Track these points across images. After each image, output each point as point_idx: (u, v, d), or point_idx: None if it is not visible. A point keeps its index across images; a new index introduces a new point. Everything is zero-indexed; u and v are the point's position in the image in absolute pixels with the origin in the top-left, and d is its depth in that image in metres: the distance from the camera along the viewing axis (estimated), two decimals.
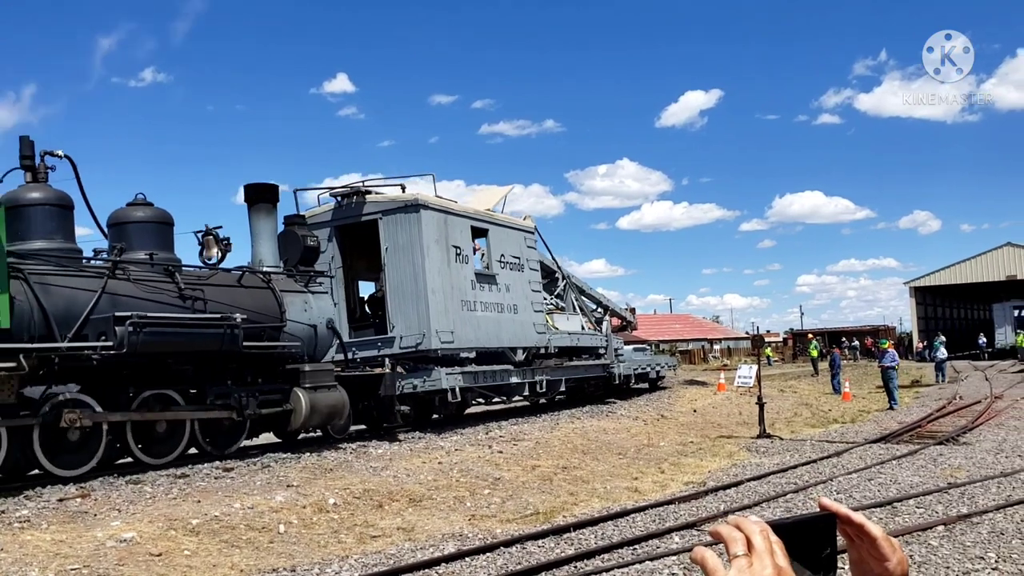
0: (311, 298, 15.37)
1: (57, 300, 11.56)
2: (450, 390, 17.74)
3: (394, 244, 17.87)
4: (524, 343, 20.99)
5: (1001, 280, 56.14)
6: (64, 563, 7.89)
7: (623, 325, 30.09)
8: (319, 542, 9.44)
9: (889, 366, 24.99)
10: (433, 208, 18.25)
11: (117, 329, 11.68)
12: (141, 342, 11.85)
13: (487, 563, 8.35)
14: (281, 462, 13.01)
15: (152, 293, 12.72)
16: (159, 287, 12.94)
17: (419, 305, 17.59)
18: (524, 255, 21.62)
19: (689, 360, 58.99)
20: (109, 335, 11.67)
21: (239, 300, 13.86)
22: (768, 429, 18.75)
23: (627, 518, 10.31)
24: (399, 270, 17.83)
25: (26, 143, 12.64)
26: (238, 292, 14.10)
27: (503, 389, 20.40)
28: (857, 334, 63.12)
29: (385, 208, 18.12)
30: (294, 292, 15.10)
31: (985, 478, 12.05)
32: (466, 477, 12.79)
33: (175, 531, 9.12)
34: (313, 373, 14.46)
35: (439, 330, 17.70)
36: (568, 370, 22.74)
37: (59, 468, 11.34)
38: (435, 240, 18.02)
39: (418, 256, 17.66)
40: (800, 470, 13.58)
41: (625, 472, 14.27)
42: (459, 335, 18.37)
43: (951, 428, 18.60)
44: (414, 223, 17.76)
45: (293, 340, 14.59)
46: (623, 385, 26.34)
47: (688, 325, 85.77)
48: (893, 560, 1.10)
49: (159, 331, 12.22)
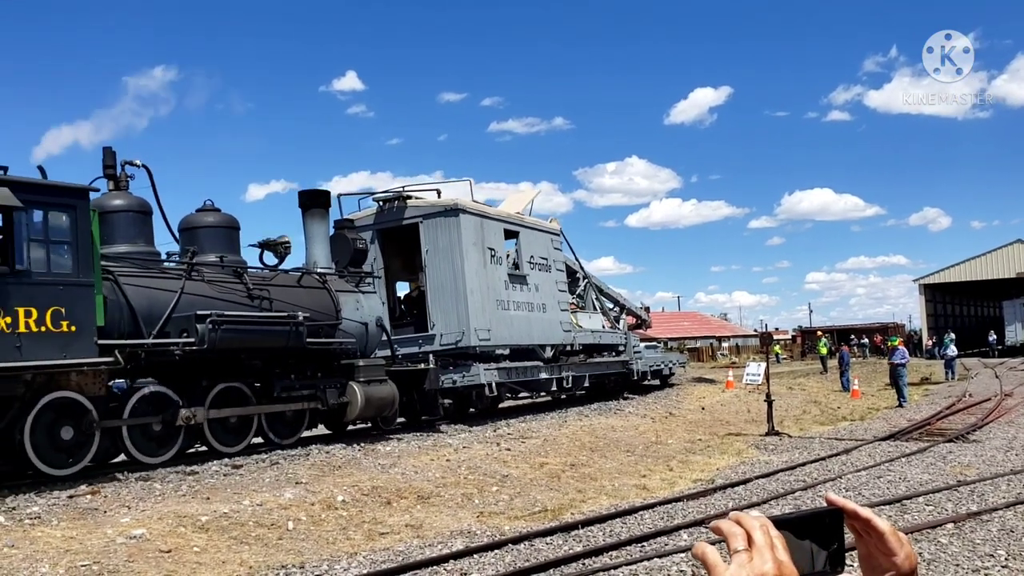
0: (362, 297, 16.42)
1: (142, 300, 12.55)
2: (487, 385, 18.65)
3: (434, 247, 18.82)
4: (552, 340, 21.90)
5: (1012, 277, 55.83)
6: (74, 559, 7.93)
7: (638, 323, 30.56)
8: (328, 539, 9.47)
9: (899, 363, 24.93)
10: (471, 212, 19.21)
11: (198, 326, 12.69)
12: (219, 338, 12.86)
13: (495, 560, 8.36)
14: (290, 459, 13.05)
15: (224, 293, 13.71)
16: (229, 287, 13.95)
17: (459, 304, 18.56)
18: (551, 256, 22.62)
19: (697, 358, 58.88)
20: (191, 332, 12.67)
21: (300, 299, 14.88)
22: (777, 426, 18.71)
23: (635, 515, 10.31)
24: (439, 271, 18.77)
25: (108, 153, 13.51)
26: (298, 292, 15.11)
27: (532, 384, 21.14)
28: (866, 331, 62.93)
29: (426, 212, 19.06)
30: (347, 292, 16.11)
31: (995, 476, 12.01)
32: (474, 474, 12.80)
33: (184, 528, 9.16)
34: (367, 368, 15.48)
35: (477, 328, 18.66)
36: (591, 366, 23.54)
37: (145, 456, 12.32)
38: (473, 243, 18.96)
39: (457, 258, 18.65)
40: (809, 467, 13.55)
41: (633, 469, 14.26)
42: (495, 333, 19.33)
43: (961, 426, 18.53)
44: (454, 227, 18.73)
45: (348, 337, 15.56)
46: (640, 381, 26.98)
47: (696, 322, 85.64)
48: (901, 555, 1.09)
49: (235, 328, 13.22)
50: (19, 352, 10.52)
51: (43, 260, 10.97)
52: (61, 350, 10.98)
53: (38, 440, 11.02)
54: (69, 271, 11.19)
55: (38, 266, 10.87)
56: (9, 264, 10.57)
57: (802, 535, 1.02)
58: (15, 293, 10.55)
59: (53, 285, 10.96)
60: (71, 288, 11.14)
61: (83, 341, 11.21)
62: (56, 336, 10.89)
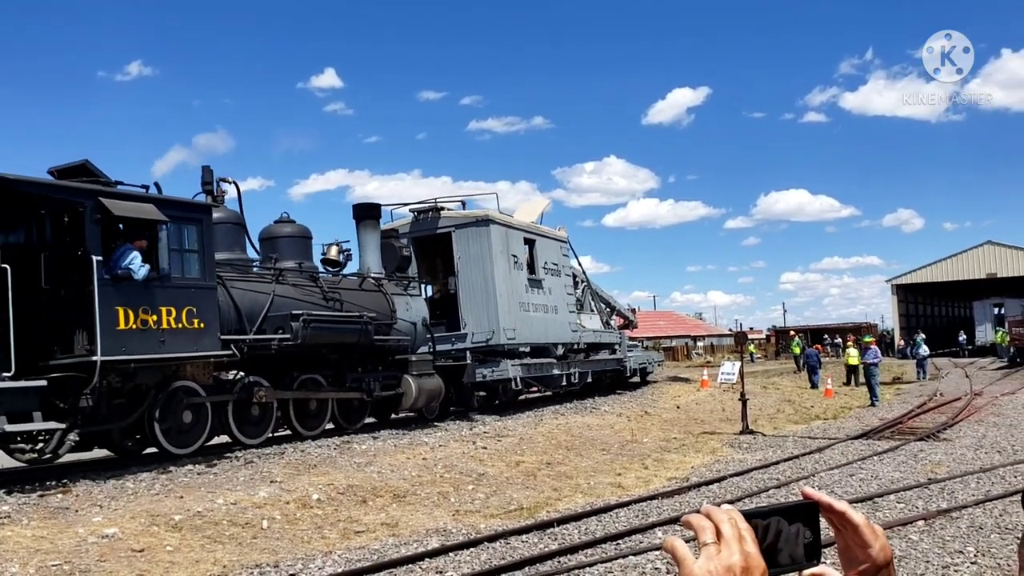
0: (410, 300, 18.38)
1: (245, 301, 14.11)
2: (513, 379, 20.58)
3: (466, 254, 20.72)
4: (563, 340, 23.87)
5: (982, 278, 56.55)
6: (45, 559, 7.85)
7: (626, 324, 31.83)
8: (302, 538, 9.43)
9: (871, 363, 25.18)
10: (499, 223, 21.18)
11: (293, 324, 14.52)
12: (309, 335, 14.71)
13: (471, 558, 8.37)
14: (264, 458, 12.98)
15: (305, 295, 15.38)
16: (308, 290, 15.63)
17: (488, 306, 20.46)
18: (560, 262, 24.58)
19: (673, 357, 59.08)
20: (286, 329, 14.49)
21: (363, 301, 16.65)
22: (751, 425, 18.85)
23: (610, 513, 10.35)
24: (470, 276, 20.66)
25: (207, 171, 14.88)
26: (361, 295, 16.85)
27: (546, 380, 22.87)
28: (839, 331, 63.43)
29: (458, 223, 21.03)
30: (398, 295, 18.01)
31: (964, 474, 12.17)
32: (450, 473, 12.80)
33: (157, 527, 9.09)
34: (418, 363, 17.47)
35: (505, 328, 20.54)
36: (593, 363, 25.67)
37: (245, 437, 13.98)
38: (500, 251, 20.85)
39: (488, 264, 20.54)
40: (782, 466, 13.66)
41: (608, 468, 14.31)
42: (519, 332, 21.24)
43: (931, 425, 18.75)
44: (484, 236, 20.64)
45: (402, 335, 17.47)
46: (631, 378, 28.97)
47: (672, 322, 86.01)
48: (876, 546, 1.11)
49: (320, 326, 15.07)
50: (163, 345, 12.13)
51: (179, 266, 12.66)
52: (193, 344, 12.62)
53: (164, 422, 12.65)
54: (198, 276, 12.92)
55: (176, 272, 12.55)
56: (156, 270, 12.11)
57: (779, 528, 1.04)
58: (159, 295, 12.15)
59: (187, 288, 12.63)
60: (200, 291, 12.85)
61: (210, 336, 12.89)
62: (190, 332, 12.53)
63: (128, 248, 11.93)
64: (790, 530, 1.04)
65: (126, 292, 11.69)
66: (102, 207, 11.63)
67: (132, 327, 11.67)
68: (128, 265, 11.76)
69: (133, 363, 11.84)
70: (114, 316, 11.47)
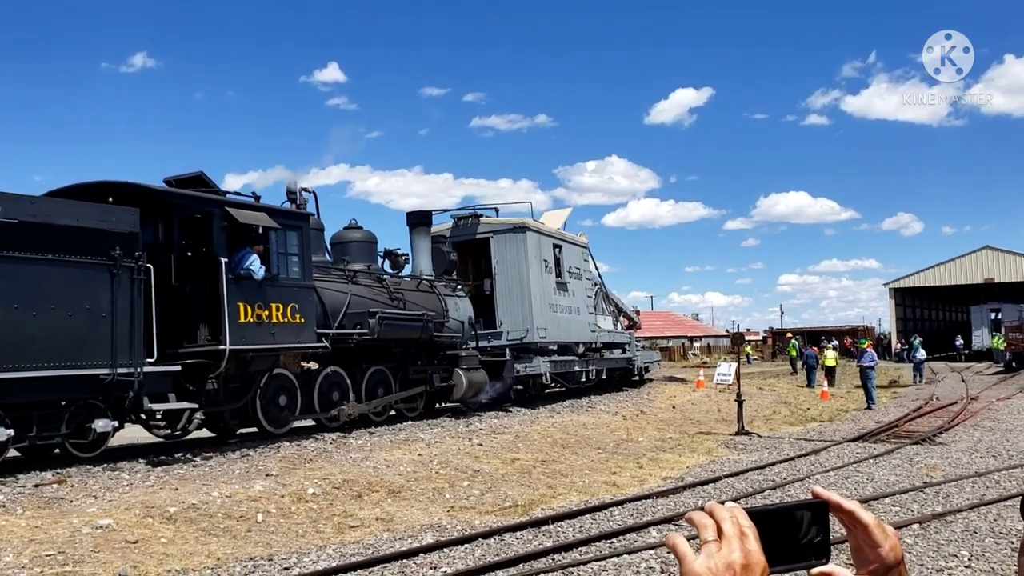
0: (458, 300, 19.99)
1: (329, 299, 15.57)
2: (544, 374, 22.48)
3: (503, 258, 22.36)
4: (583, 339, 25.55)
5: (980, 283, 56.65)
6: (39, 548, 7.84)
7: (630, 324, 32.82)
8: (297, 531, 9.42)
9: (868, 366, 25.20)
10: (533, 230, 22.83)
11: (370, 321, 16.19)
12: (383, 330, 16.44)
13: (465, 554, 8.37)
14: (260, 451, 12.99)
15: (374, 295, 16.96)
16: (377, 291, 17.23)
17: (523, 307, 22.06)
18: (582, 267, 26.28)
19: (669, 357, 59.09)
20: (363, 325, 16.13)
21: (420, 301, 18.28)
22: (747, 426, 18.87)
23: (605, 512, 10.36)
24: (507, 278, 22.29)
25: (291, 181, 16.29)
26: (419, 295, 18.46)
27: (569, 376, 24.70)
28: (836, 334, 63.50)
29: (496, 229, 22.68)
30: (449, 296, 19.63)
31: (960, 477, 12.18)
32: (446, 469, 12.80)
33: (152, 519, 9.08)
34: (467, 358, 19.19)
35: (538, 327, 22.16)
36: (607, 361, 27.35)
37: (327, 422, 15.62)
38: (535, 256, 22.49)
39: (524, 269, 22.14)
40: (778, 467, 13.67)
41: (604, 466, 14.32)
42: (549, 331, 22.89)
43: (927, 428, 18.78)
44: (520, 242, 22.26)
45: (453, 332, 19.09)
46: (638, 375, 30.55)
47: (669, 322, 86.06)
48: (886, 546, 1.10)
49: (392, 323, 16.84)
50: (273, 337, 13.75)
51: (285, 268, 14.25)
52: (296, 336, 14.26)
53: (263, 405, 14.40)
54: (299, 277, 14.51)
55: (283, 272, 14.20)
56: (269, 271, 13.72)
57: (786, 527, 1.03)
58: (270, 293, 13.75)
59: (291, 287, 14.24)
60: (301, 290, 14.47)
61: (308, 330, 14.52)
62: (293, 326, 14.16)
63: (248, 251, 13.57)
64: (798, 529, 1.04)
65: (245, 290, 13.34)
66: (228, 215, 13.31)
67: (250, 320, 13.33)
68: (249, 266, 13.41)
69: (251, 352, 13.56)
70: (237, 311, 13.11)
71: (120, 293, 11.73)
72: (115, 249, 11.65)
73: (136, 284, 11.93)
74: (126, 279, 11.80)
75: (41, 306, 10.91)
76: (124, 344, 11.67)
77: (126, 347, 11.70)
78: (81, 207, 11.76)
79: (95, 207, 11.94)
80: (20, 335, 10.67)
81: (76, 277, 11.32)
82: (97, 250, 11.55)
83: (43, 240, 10.99)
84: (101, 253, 11.57)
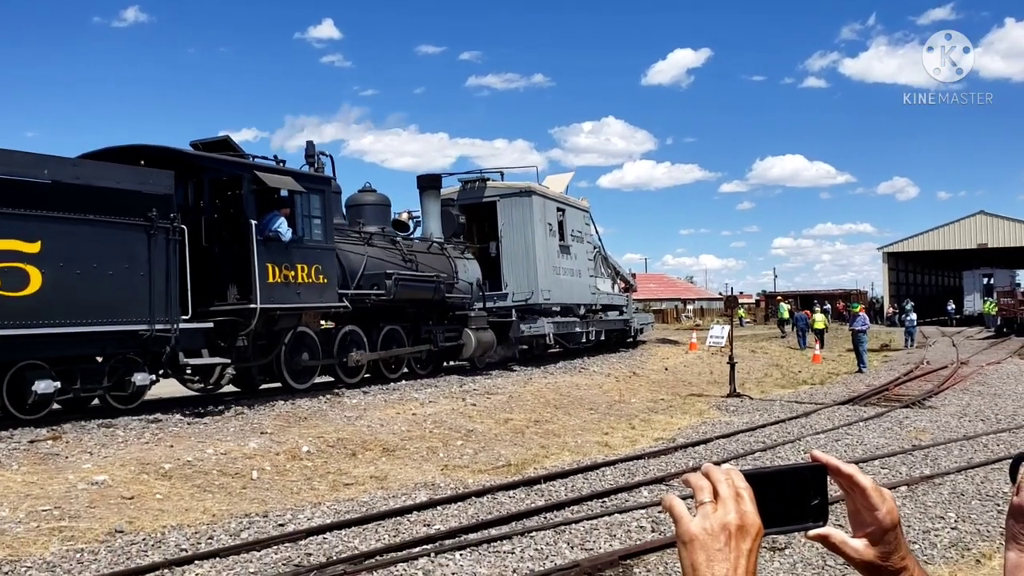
0: (467, 262, 20.52)
1: (348, 261, 16.09)
2: (548, 335, 23.20)
3: (509, 221, 22.79)
4: (584, 301, 26.23)
5: (973, 248, 56.74)
6: (35, 504, 7.90)
7: (626, 287, 33.17)
8: (292, 489, 9.50)
9: (860, 330, 25.32)
10: (539, 194, 23.34)
11: (387, 282, 16.75)
12: (398, 291, 17.01)
13: (458, 512, 8.45)
14: (255, 409, 13.04)
15: (389, 257, 17.46)
16: (391, 252, 17.68)
17: (528, 269, 22.60)
18: (583, 230, 26.84)
19: (662, 319, 59.26)
20: (380, 286, 16.68)
21: (432, 263, 18.78)
22: (738, 389, 18.99)
23: (597, 471, 10.46)
24: (513, 241, 22.75)
25: (310, 145, 16.22)
26: (430, 257, 18.91)
27: (570, 336, 25.45)
28: (829, 298, 63.69)
29: (503, 193, 23.12)
30: (458, 258, 20.14)
31: (948, 441, 12.31)
32: (439, 428, 12.88)
33: (147, 475, 9.14)
34: (476, 318, 19.77)
35: (543, 288, 22.77)
36: (606, 323, 28.14)
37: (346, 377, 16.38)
38: (540, 219, 22.99)
39: (529, 232, 22.65)
40: (768, 429, 13.79)
41: (596, 427, 14.42)
42: (553, 293, 23.55)
43: (917, 392, 18.94)
44: (526, 206, 22.77)
45: (463, 294, 19.66)
46: (633, 337, 31.16)
47: (662, 285, 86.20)
48: (883, 509, 1.11)
49: (408, 283, 17.41)
50: (299, 296, 14.30)
51: (308, 230, 14.67)
52: (319, 296, 14.82)
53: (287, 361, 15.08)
54: (322, 239, 14.98)
55: (307, 234, 14.65)
56: (295, 233, 14.17)
57: (785, 489, 1.04)
58: (296, 254, 14.24)
59: (315, 249, 14.70)
60: (324, 251, 14.96)
61: (331, 290, 15.09)
62: (318, 286, 14.73)
63: (276, 214, 13.98)
64: (796, 491, 1.05)
65: (273, 251, 13.82)
66: (257, 179, 13.75)
67: (278, 280, 13.85)
68: (277, 228, 13.84)
69: (279, 311, 14.09)
70: (266, 271, 13.62)
71: (156, 253, 12.17)
72: (152, 211, 12.06)
73: (171, 244, 12.33)
74: (162, 239, 12.22)
75: (84, 265, 11.31)
76: (161, 302, 12.18)
77: (163, 304, 12.19)
78: (120, 170, 12.13)
79: (133, 170, 12.37)
80: (65, 292, 11.07)
81: (115, 237, 11.76)
82: (135, 211, 11.95)
83: (85, 201, 11.33)
84: (138, 214, 11.98)
